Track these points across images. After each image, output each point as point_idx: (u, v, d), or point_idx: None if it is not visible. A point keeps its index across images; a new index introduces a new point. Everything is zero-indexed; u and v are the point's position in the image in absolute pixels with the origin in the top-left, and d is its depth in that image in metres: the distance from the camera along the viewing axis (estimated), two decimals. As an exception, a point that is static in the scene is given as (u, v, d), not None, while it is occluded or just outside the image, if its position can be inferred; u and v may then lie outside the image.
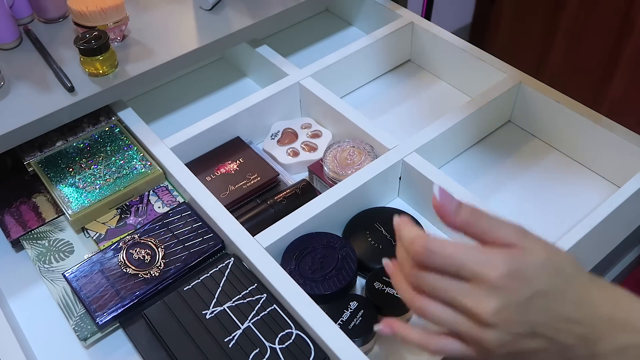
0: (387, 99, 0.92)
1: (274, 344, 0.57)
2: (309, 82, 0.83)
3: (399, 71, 0.96)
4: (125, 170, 0.73)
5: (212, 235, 0.67)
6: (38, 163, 0.74)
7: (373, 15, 0.99)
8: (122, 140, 0.77)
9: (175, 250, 0.66)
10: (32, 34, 0.81)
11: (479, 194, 0.70)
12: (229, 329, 0.58)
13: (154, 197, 0.73)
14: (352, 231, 0.69)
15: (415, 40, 0.94)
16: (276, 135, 0.83)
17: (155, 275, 0.64)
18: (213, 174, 0.77)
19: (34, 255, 0.69)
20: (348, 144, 0.75)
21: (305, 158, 0.80)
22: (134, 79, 0.76)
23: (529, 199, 0.76)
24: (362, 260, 0.66)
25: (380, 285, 0.62)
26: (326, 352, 0.56)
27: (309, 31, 1.04)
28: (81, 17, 0.77)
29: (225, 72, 0.97)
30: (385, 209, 0.72)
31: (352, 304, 0.61)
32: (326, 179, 0.75)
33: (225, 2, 0.87)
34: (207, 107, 0.90)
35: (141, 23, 0.84)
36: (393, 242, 0.67)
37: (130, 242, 0.67)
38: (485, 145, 0.83)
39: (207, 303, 0.61)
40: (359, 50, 0.88)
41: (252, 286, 0.61)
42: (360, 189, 0.69)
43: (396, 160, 0.71)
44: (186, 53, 0.79)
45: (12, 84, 0.75)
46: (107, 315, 0.61)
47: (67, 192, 0.71)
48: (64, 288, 0.66)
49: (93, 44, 0.72)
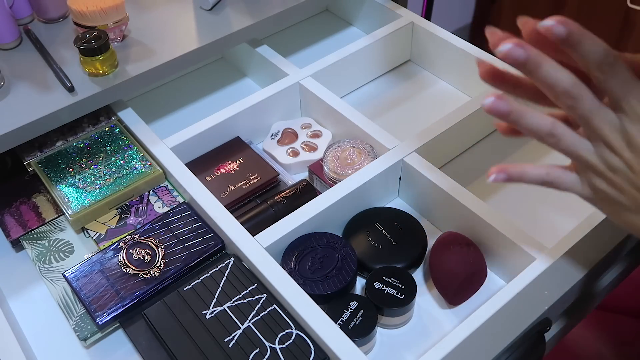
0: (387, 99, 0.92)
1: (274, 344, 0.57)
2: (309, 82, 0.83)
3: (399, 71, 0.96)
4: (125, 170, 0.73)
5: (212, 235, 0.67)
6: (38, 163, 0.74)
7: (373, 15, 0.99)
8: (122, 140, 0.77)
9: (175, 250, 0.66)
10: (32, 34, 0.81)
11: (479, 194, 0.70)
12: (229, 329, 0.58)
13: (154, 197, 0.73)
14: (352, 231, 0.69)
15: (415, 40, 0.94)
16: (276, 135, 0.83)
17: (155, 275, 0.64)
18: (213, 174, 0.77)
19: (34, 255, 0.69)
20: (348, 144, 0.75)
21: (305, 158, 0.80)
22: (134, 79, 0.76)
23: (530, 198, 0.76)
24: (362, 260, 0.66)
25: (380, 285, 0.62)
26: (326, 352, 0.56)
27: (309, 31, 1.04)
28: (81, 17, 0.77)
29: (225, 72, 0.97)
30: (385, 209, 0.72)
31: (352, 304, 0.61)
32: (326, 179, 0.75)
33: (225, 2, 0.87)
34: (207, 107, 0.91)
35: (141, 23, 0.84)
36: (393, 242, 0.67)
37: (130, 242, 0.67)
38: (486, 145, 0.83)
39: (207, 303, 0.61)
40: (359, 50, 0.88)
41: (252, 286, 0.61)
42: (360, 189, 0.69)
43: (396, 160, 0.71)
44: (186, 53, 0.79)
45: (12, 84, 0.74)
46: (107, 315, 0.61)
47: (67, 192, 0.71)
48: (64, 288, 0.66)
49: (93, 44, 0.72)
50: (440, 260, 0.65)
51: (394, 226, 0.69)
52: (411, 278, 0.63)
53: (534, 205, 0.75)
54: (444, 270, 0.64)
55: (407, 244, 0.67)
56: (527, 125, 0.44)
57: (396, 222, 0.69)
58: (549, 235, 0.68)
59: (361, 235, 0.69)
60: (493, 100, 0.43)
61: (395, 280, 0.62)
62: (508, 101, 0.43)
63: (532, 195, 0.76)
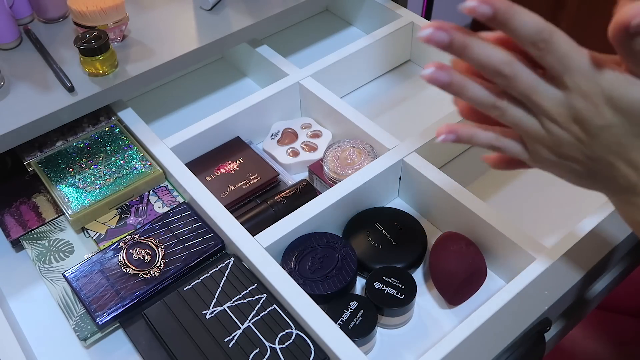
0: (387, 99, 0.92)
1: (274, 344, 0.57)
2: (309, 82, 0.83)
3: (399, 71, 0.96)
4: (125, 170, 0.73)
5: (212, 235, 0.67)
6: (38, 163, 0.74)
7: (373, 15, 0.99)
8: (122, 140, 0.77)
9: (175, 250, 0.66)
10: (32, 34, 0.81)
11: (479, 194, 0.70)
12: (229, 329, 0.58)
13: (154, 197, 0.73)
14: (352, 231, 0.69)
15: (415, 40, 0.94)
16: (276, 135, 0.83)
17: (155, 275, 0.64)
18: (213, 174, 0.77)
19: (34, 255, 0.69)
20: (348, 144, 0.75)
21: (305, 158, 0.80)
22: (134, 79, 0.76)
23: (530, 198, 0.76)
24: (362, 260, 0.66)
25: (380, 285, 0.62)
26: (326, 352, 0.56)
27: (309, 31, 1.04)
28: (81, 17, 0.77)
29: (225, 72, 0.97)
30: (385, 209, 0.72)
31: (352, 304, 0.61)
32: (326, 179, 0.75)
33: (225, 2, 0.87)
34: (207, 107, 0.91)
35: (141, 23, 0.84)
36: (393, 242, 0.67)
37: (130, 242, 0.67)
38: (485, 145, 0.83)
39: (207, 303, 0.61)
40: (359, 50, 0.88)
41: (252, 286, 0.61)
42: (360, 189, 0.69)
43: (396, 160, 0.71)
44: (186, 53, 0.79)
45: (12, 84, 0.74)
46: (107, 315, 0.61)
47: (67, 192, 0.71)
48: (64, 288, 0.66)
49: (93, 44, 0.72)
50: (440, 260, 0.65)
51: (394, 226, 0.69)
52: (411, 278, 0.63)
53: (534, 206, 0.75)
54: (443, 270, 0.64)
55: (407, 244, 0.67)
56: (470, 97, 0.41)
57: (396, 222, 0.69)
58: (549, 235, 0.68)
59: (361, 235, 0.69)
60: (433, 70, 0.40)
61: (395, 280, 0.62)
62: (450, 71, 0.41)
63: (532, 195, 0.76)
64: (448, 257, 0.64)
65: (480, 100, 0.42)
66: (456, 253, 0.64)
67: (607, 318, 0.82)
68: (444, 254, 0.65)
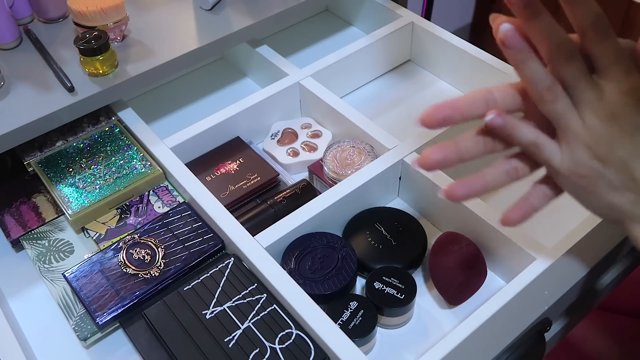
0: (387, 99, 0.92)
1: (274, 344, 0.57)
2: (309, 82, 0.83)
3: (399, 71, 0.96)
4: (125, 170, 0.73)
5: (212, 235, 0.67)
6: (38, 163, 0.74)
7: (373, 15, 0.99)
8: (122, 140, 0.77)
9: (175, 250, 0.66)
10: (32, 34, 0.81)
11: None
12: (229, 329, 0.58)
13: (154, 197, 0.73)
14: (352, 231, 0.69)
15: (415, 40, 0.94)
16: (276, 135, 0.83)
17: (155, 275, 0.64)
18: (213, 174, 0.77)
19: (34, 255, 0.69)
20: (348, 144, 0.75)
21: (305, 158, 0.80)
22: (134, 79, 0.76)
23: (529, 199, 0.76)
24: (362, 260, 0.66)
25: (380, 285, 0.62)
26: (326, 352, 0.56)
27: (309, 31, 1.04)
28: (81, 17, 0.77)
29: (225, 72, 0.97)
30: (385, 209, 0.72)
31: (352, 304, 0.61)
32: (326, 179, 0.75)
33: (225, 2, 0.87)
34: (207, 107, 0.90)
35: (141, 23, 0.84)
36: (393, 242, 0.67)
37: (130, 242, 0.67)
38: (485, 145, 0.83)
39: (207, 303, 0.61)
40: (359, 50, 0.88)
41: (252, 286, 0.61)
42: (360, 189, 0.69)
43: (396, 160, 0.71)
44: (186, 53, 0.79)
45: (12, 84, 0.74)
46: (107, 315, 0.61)
47: (67, 192, 0.71)
48: (64, 288, 0.66)
49: (93, 44, 0.72)
50: (440, 261, 0.65)
51: (394, 226, 0.69)
52: (411, 278, 0.63)
53: (534, 205, 0.75)
54: (443, 270, 0.64)
55: (407, 244, 0.67)
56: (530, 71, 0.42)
57: (396, 222, 0.69)
58: (549, 235, 0.68)
59: (361, 235, 0.69)
60: (509, 29, 0.42)
61: (395, 280, 0.62)
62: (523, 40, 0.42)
63: (532, 195, 0.76)
64: (448, 257, 0.64)
65: (539, 77, 0.42)
66: (456, 253, 0.64)
67: (607, 318, 0.82)
68: (444, 254, 0.65)
